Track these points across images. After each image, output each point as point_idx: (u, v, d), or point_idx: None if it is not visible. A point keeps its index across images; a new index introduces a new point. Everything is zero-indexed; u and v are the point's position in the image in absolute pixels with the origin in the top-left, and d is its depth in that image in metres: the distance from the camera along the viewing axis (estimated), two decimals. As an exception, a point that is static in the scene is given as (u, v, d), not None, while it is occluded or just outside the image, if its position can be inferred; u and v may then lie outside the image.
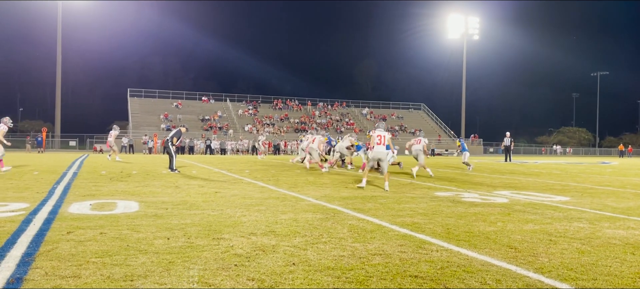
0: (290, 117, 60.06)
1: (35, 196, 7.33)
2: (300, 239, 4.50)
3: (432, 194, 8.50)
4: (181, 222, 5.29)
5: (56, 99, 53.25)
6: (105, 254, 3.83)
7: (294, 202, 7.04)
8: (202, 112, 56.58)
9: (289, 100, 64.65)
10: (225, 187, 9.22)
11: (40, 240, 4.28)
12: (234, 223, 5.32)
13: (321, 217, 5.79)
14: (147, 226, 5.02)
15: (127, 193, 7.91)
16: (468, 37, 68.73)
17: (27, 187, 8.59)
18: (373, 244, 4.34)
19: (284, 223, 5.37)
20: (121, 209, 6.10)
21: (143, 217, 5.57)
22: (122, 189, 8.57)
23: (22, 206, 6.25)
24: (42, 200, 6.87)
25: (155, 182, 10.03)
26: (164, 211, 6.07)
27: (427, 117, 67.94)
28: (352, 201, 7.30)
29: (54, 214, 5.63)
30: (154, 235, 4.57)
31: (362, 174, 10.44)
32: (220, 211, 6.10)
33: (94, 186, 9.07)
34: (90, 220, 5.29)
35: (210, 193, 8.09)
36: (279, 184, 9.91)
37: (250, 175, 12.62)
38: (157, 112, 54.42)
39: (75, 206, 6.36)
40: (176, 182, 9.96)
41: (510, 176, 14.17)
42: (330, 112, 63.84)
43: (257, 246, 4.21)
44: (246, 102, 62.05)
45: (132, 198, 7.24)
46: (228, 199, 7.31)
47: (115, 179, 10.52)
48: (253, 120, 56.82)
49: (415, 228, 5.18)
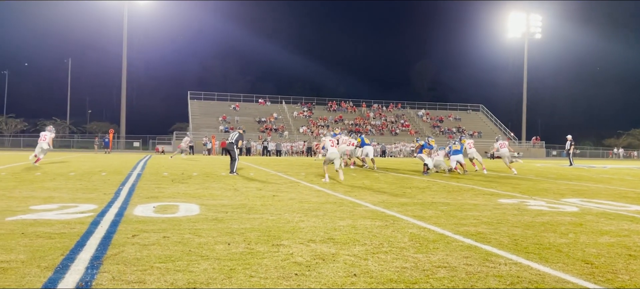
0: (345, 118, 59.99)
1: (102, 197, 7.62)
2: (360, 248, 4.41)
3: (495, 202, 8.17)
4: (241, 227, 5.32)
5: (121, 101, 55.72)
6: (169, 259, 3.88)
7: (351, 208, 6.95)
8: (258, 114, 57.53)
9: (343, 102, 64.63)
10: (283, 190, 9.25)
11: (107, 243, 4.41)
12: (293, 228, 5.29)
13: (380, 224, 5.67)
14: (208, 230, 5.08)
15: (188, 196, 8.08)
16: (529, 36, 66.31)
17: (95, 188, 8.96)
18: (436, 256, 4.18)
19: (342, 229, 5.29)
20: (183, 213, 6.22)
21: (204, 221, 5.64)
22: (183, 191, 8.77)
23: (90, 208, 6.50)
24: (109, 202, 7.12)
25: (214, 184, 10.21)
26: (224, 214, 6.14)
27: (486, 118, 66.00)
28: (412, 208, 7.12)
29: (119, 217, 5.81)
30: (215, 240, 4.60)
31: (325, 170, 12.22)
32: (278, 216, 6.10)
33: (157, 188, 9.34)
34: (154, 223, 5.42)
35: (268, 196, 8.14)
36: (335, 188, 9.85)
37: (307, 178, 12.64)
38: (215, 114, 55.82)
39: (139, 208, 6.54)
40: (235, 185, 10.10)
41: (578, 182, 13.46)
42: (385, 113, 63.28)
43: (316, 254, 4.15)
44: (301, 104, 62.53)
45: (193, 201, 7.39)
46: (286, 203, 7.31)
47: (177, 181, 10.81)
48: (308, 122, 57.18)
49: (480, 239, 4.96)
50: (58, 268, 3.58)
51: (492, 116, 65.62)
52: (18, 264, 3.63)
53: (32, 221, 5.38)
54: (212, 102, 59.35)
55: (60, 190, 8.52)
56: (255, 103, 61.46)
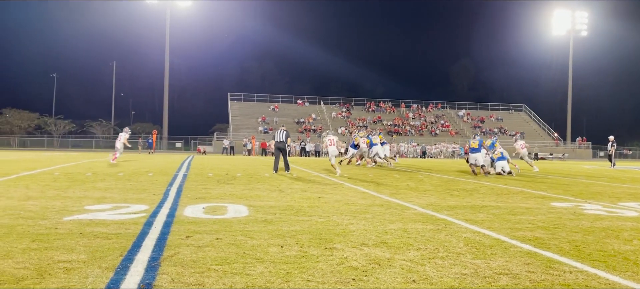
0: (384, 119, 59.60)
1: (152, 198, 7.76)
2: (415, 253, 4.31)
3: (548, 205, 7.89)
4: (291, 229, 5.30)
5: (164, 103, 57.04)
6: (224, 261, 3.89)
7: (399, 211, 6.84)
8: (297, 115, 57.84)
9: (382, 102, 64.25)
10: (327, 191, 9.21)
11: (162, 244, 4.46)
12: (343, 231, 5.23)
13: (432, 228, 5.54)
14: (259, 232, 5.08)
15: (235, 196, 8.14)
16: (575, 34, 64.23)
17: (144, 189, 9.14)
18: (496, 262, 4.04)
19: (394, 233, 5.20)
20: (232, 214, 6.25)
21: (254, 222, 5.66)
22: (229, 192, 8.85)
23: (142, 208, 6.62)
24: (159, 202, 7.24)
25: (259, 185, 10.27)
26: (272, 216, 6.14)
27: (529, 118, 64.30)
28: (462, 211, 6.95)
29: (171, 217, 5.89)
30: (268, 242, 4.60)
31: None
32: (327, 218, 6.05)
33: (203, 188, 9.46)
34: (206, 224, 5.46)
35: (313, 198, 8.11)
36: (379, 190, 9.74)
37: (350, 179, 12.56)
38: (255, 115, 56.45)
39: (189, 209, 6.62)
40: (279, 186, 10.13)
41: (632, 185, 12.89)
42: (425, 114, 62.51)
43: (371, 258, 4.08)
44: (339, 105, 62.51)
45: (241, 202, 7.43)
46: (332, 205, 7.26)
47: (222, 182, 10.93)
48: (346, 122, 57.08)
49: (538, 244, 4.77)
50: (118, 268, 3.64)
51: (535, 116, 63.89)
52: (80, 265, 3.71)
53: (88, 221, 5.51)
54: (251, 103, 60.07)
55: (111, 190, 8.74)
56: (293, 104, 61.83)
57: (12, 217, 5.69)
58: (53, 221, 5.48)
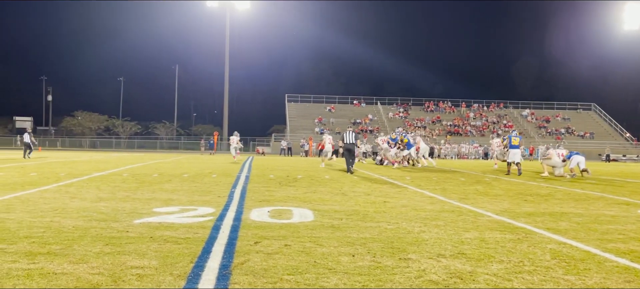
0: (443, 119, 58.29)
1: (217, 200, 7.78)
2: (498, 266, 3.99)
3: (635, 213, 7.26)
4: (360, 236, 5.09)
5: (224, 104, 58.33)
6: (296, 271, 3.73)
7: (473, 218, 6.48)
8: (353, 116, 57.58)
9: (441, 102, 62.83)
10: (392, 195, 8.94)
11: (231, 250, 4.37)
12: (416, 240, 4.96)
13: (512, 238, 5.17)
14: (328, 239, 4.90)
15: (298, 200, 8.03)
16: (651, 27, 60.24)
17: (209, 191, 9.21)
18: (592, 279, 3.66)
19: (471, 243, 4.87)
20: (298, 218, 6.12)
21: (321, 228, 5.49)
22: (292, 195, 8.76)
23: (208, 211, 6.62)
24: (225, 205, 7.23)
25: (321, 188, 10.13)
26: (339, 221, 5.95)
27: (599, 118, 60.92)
28: (541, 218, 6.49)
29: (238, 221, 5.83)
30: (338, 250, 4.41)
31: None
32: (396, 225, 5.80)
33: (266, 190, 9.42)
34: (272, 229, 5.35)
35: (378, 202, 7.86)
36: (447, 194, 9.36)
37: (413, 182, 12.20)
38: (311, 116, 56.67)
39: (255, 212, 6.55)
40: (342, 189, 9.95)
41: None
42: (486, 113, 60.59)
43: (451, 271, 3.80)
44: (397, 105, 61.71)
45: (305, 206, 7.30)
46: (399, 211, 6.99)
47: (284, 184, 10.88)
48: (404, 123, 56.24)
49: (636, 258, 4.32)
50: (190, 276, 3.56)
51: (605, 115, 60.43)
52: (152, 271, 3.66)
53: (157, 224, 5.53)
54: (308, 105, 60.36)
55: (177, 192, 8.86)
56: (350, 105, 61.61)
57: (86, 219, 5.81)
58: (124, 224, 5.54)
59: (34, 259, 3.93)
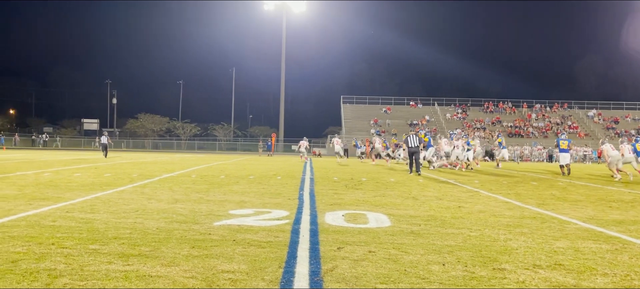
0: (503, 120, 56.49)
1: (288, 203, 7.78)
2: (604, 280, 3.72)
3: None
4: (444, 243, 4.91)
5: (280, 106, 59.04)
6: (387, 279, 3.62)
7: (558, 225, 6.14)
8: (410, 117, 56.82)
9: (500, 102, 60.94)
10: (465, 200, 8.66)
11: (316, 255, 4.31)
12: (505, 249, 4.74)
13: (608, 248, 4.84)
14: (412, 245, 4.76)
15: (369, 203, 7.91)
16: None
17: (278, 193, 9.25)
18: None
19: (565, 253, 4.60)
20: (374, 223, 6.01)
21: (400, 234, 5.35)
22: (361, 198, 8.65)
23: (283, 214, 6.62)
24: (297, 208, 7.22)
25: (389, 191, 9.96)
26: (417, 227, 5.79)
27: (675, 118, 57.16)
28: (635, 227, 6.06)
29: (315, 225, 5.78)
30: (426, 259, 4.26)
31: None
32: (478, 232, 5.58)
33: (334, 193, 9.36)
34: (352, 234, 5.26)
35: (453, 208, 7.62)
36: (522, 199, 8.96)
37: (483, 186, 11.81)
38: (367, 117, 56.39)
39: (329, 216, 6.49)
40: (411, 193, 9.74)
41: None
42: (549, 114, 58.21)
43: (553, 284, 3.58)
44: (454, 106, 60.39)
45: (378, 210, 7.17)
46: (477, 216, 6.74)
47: (350, 187, 10.79)
48: (462, 124, 54.94)
49: None
50: (282, 282, 3.53)
51: (682, 115, 56.65)
52: (244, 276, 3.65)
53: (237, 227, 5.56)
54: (363, 106, 60.13)
55: (248, 194, 8.95)
56: (406, 106, 60.87)
57: (167, 221, 5.93)
58: (205, 226, 5.61)
59: (127, 261, 4.03)
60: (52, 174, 12.66)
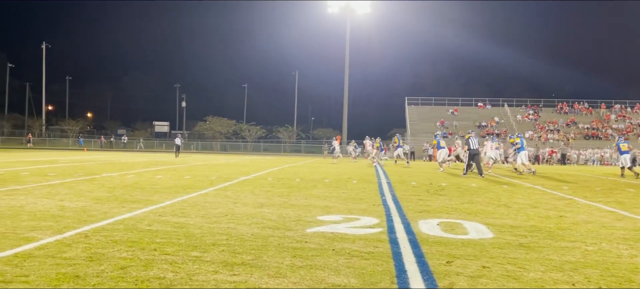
0: (578, 122, 53.55)
1: (374, 209, 7.53)
2: None
3: None
4: (563, 258, 4.49)
5: (343, 108, 58.88)
6: (517, 300, 3.29)
7: (685, 240, 5.51)
8: (478, 118, 55.08)
9: (576, 103, 57.82)
10: (562, 208, 8.06)
11: (426, 269, 4.03)
12: (635, 267, 4.25)
13: None
14: (527, 261, 4.37)
15: (459, 211, 7.51)
16: None
17: (360, 198, 9.01)
18: None
19: None
20: (475, 234, 5.63)
21: (508, 247, 4.96)
22: (448, 205, 8.25)
23: (373, 221, 6.37)
24: (386, 215, 6.95)
25: (476, 197, 9.48)
26: (524, 239, 5.37)
27: None
28: None
29: (412, 235, 5.49)
30: (550, 277, 3.87)
31: None
32: (596, 246, 5.08)
33: (417, 199, 9.01)
34: (456, 246, 4.93)
35: (554, 217, 7.08)
36: (627, 208, 8.24)
37: (574, 192, 11.04)
38: (433, 119, 55.15)
39: (423, 225, 6.18)
40: (499, 199, 9.22)
41: None
42: (630, 115, 54.57)
43: None
44: (526, 107, 57.95)
45: (472, 219, 6.77)
46: (585, 227, 6.19)
47: (432, 192, 10.38)
48: (534, 126, 52.60)
49: None
50: (401, 300, 3.28)
51: None
52: (358, 291, 3.44)
53: (331, 235, 5.37)
54: (429, 107, 58.90)
55: (330, 199, 8.77)
56: (474, 107, 59.03)
57: (259, 227, 5.84)
58: (298, 233, 5.46)
59: (232, 270, 3.92)
60: (136, 176, 13.08)
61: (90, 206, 7.20)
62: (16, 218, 6.08)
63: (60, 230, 5.38)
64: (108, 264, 4.00)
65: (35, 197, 8.05)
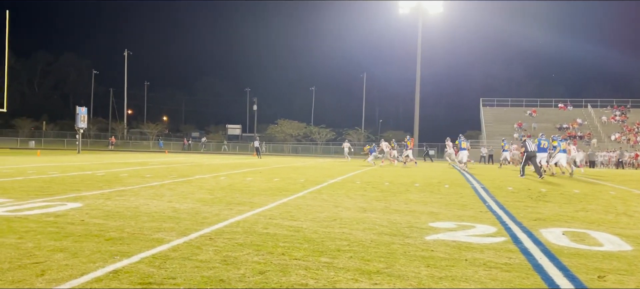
0: (674, 123, 49.61)
1: (483, 216, 7.21)
2: None
3: None
4: None
5: (415, 110, 57.91)
6: None
7: None
8: (558, 120, 52.45)
9: (669, 103, 53.68)
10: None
11: (578, 285, 3.74)
12: None
13: None
14: (691, 278, 3.96)
15: (580, 220, 7.02)
16: None
17: (462, 204, 8.69)
18: None
19: None
20: (611, 246, 5.22)
21: (658, 261, 4.53)
22: (562, 212, 7.76)
23: (490, 230, 6.07)
24: (500, 222, 6.62)
25: (587, 205, 8.86)
26: (670, 253, 4.90)
27: None
28: None
29: (541, 245, 5.17)
30: None
31: None
32: None
33: (524, 205, 8.57)
34: (598, 259, 4.57)
35: (689, 228, 6.46)
36: None
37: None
38: (510, 121, 53.13)
39: (546, 234, 5.81)
40: (615, 207, 8.58)
41: None
42: None
43: None
44: (611, 108, 54.48)
45: (597, 228, 6.30)
46: None
47: (535, 198, 9.85)
48: (622, 128, 49.33)
49: None
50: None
51: None
52: (519, 307, 3.21)
53: (454, 243, 5.15)
54: (505, 109, 56.81)
55: (431, 204, 8.52)
56: (554, 108, 56.27)
57: (374, 232, 5.71)
58: (418, 241, 5.29)
59: (372, 279, 3.80)
60: (227, 178, 13.40)
61: (200, 208, 7.37)
62: (137, 219, 6.31)
63: (183, 232, 5.50)
64: (246, 269, 4.01)
65: (145, 199, 8.37)
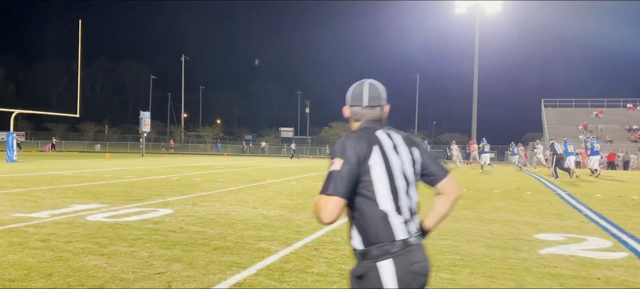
0: None
1: (588, 228, 6.80)
2: None
3: None
4: None
5: (472, 112, 56.49)
6: None
7: None
8: (627, 121, 49.73)
9: None
10: None
11: None
12: None
13: None
14: None
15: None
16: None
17: (557, 213, 8.24)
18: None
19: None
20: None
21: None
22: (671, 224, 7.23)
23: (605, 244, 5.70)
24: (611, 234, 6.21)
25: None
26: None
27: None
28: None
29: (672, 262, 4.77)
30: None
31: None
32: None
33: (625, 215, 8.05)
34: None
35: None
36: None
37: None
38: (574, 122, 50.88)
39: (670, 249, 5.39)
40: None
41: None
42: None
43: None
44: (686, 108, 51.15)
45: None
46: None
47: (631, 206, 9.25)
48: (700, 128, 46.18)
49: None
50: None
51: None
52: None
53: (573, 258, 4.85)
54: (568, 110, 54.46)
55: (522, 213, 8.15)
56: (622, 108, 53.41)
57: (481, 245, 5.49)
58: (532, 255, 5.04)
59: None
60: (298, 183, 13.46)
61: (288, 215, 7.34)
62: (233, 227, 6.32)
63: (284, 241, 5.45)
64: (369, 284, 3.87)
65: (230, 205, 8.42)
